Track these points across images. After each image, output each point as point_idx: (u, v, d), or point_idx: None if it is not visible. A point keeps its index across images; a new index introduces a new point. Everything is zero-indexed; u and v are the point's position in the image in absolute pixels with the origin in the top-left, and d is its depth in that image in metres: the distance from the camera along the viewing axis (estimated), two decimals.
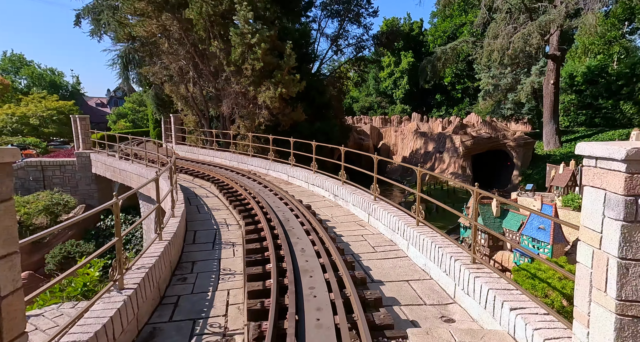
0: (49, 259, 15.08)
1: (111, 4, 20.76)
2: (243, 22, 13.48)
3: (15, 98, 45.82)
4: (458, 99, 50.06)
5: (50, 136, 43.94)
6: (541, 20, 23.65)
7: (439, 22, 51.71)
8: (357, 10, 26.33)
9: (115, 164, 16.32)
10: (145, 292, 4.36)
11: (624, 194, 2.36)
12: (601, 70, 35.25)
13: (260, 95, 14.69)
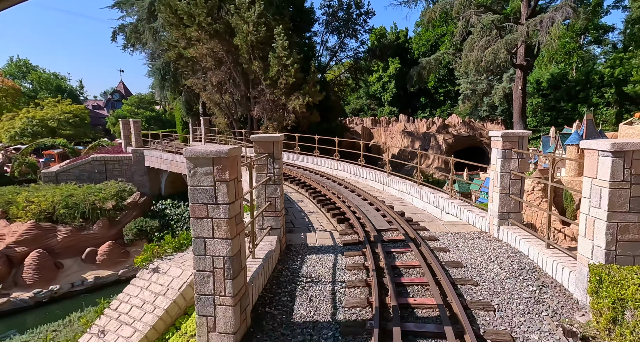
0: (127, 231, 19.12)
1: (152, 26, 24.73)
2: (280, 48, 17.79)
3: (34, 102, 48.63)
4: (440, 101, 55.23)
5: (64, 138, 46.90)
6: (507, 38, 28.62)
7: (422, 31, 56.78)
8: (354, 27, 30.95)
9: (172, 157, 20.39)
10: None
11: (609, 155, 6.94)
12: (562, 77, 40.80)
13: (290, 103, 19.02)
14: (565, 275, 5.08)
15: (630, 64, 35.94)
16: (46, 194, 19.17)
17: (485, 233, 7.45)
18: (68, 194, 19.26)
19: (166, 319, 5.80)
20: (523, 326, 4.28)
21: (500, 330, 4.20)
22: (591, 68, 40.09)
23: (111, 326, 6.00)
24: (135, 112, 74.91)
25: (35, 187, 20.88)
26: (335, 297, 5.10)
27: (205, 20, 18.68)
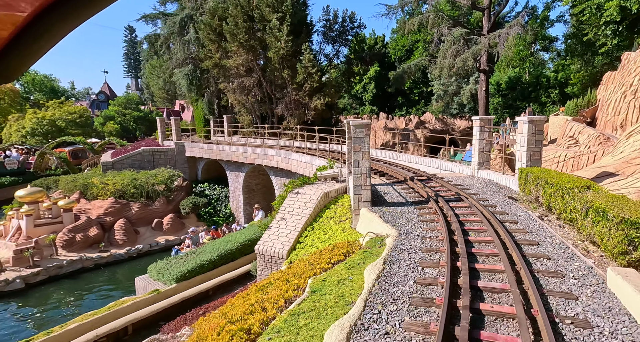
0: (184, 206, 23.79)
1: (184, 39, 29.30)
2: (307, 60, 23.03)
3: (38, 104, 50.90)
4: (415, 101, 62.01)
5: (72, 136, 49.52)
6: (473, 48, 35.17)
7: (398, 37, 63.37)
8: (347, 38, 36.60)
9: (214, 147, 25.19)
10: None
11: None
12: (518, 79, 48.33)
13: (312, 103, 24.33)
14: (509, 182, 10.88)
15: (570, 69, 43.69)
16: (115, 178, 23.44)
17: (470, 176, 13.20)
18: (132, 178, 23.63)
19: (314, 210, 11.10)
20: (491, 199, 9.97)
21: (480, 198, 9.86)
22: (540, 72, 47.87)
23: (289, 211, 11.27)
24: (122, 112, 76.98)
25: (101, 174, 25.05)
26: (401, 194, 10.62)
27: (244, 38, 23.64)
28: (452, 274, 5.36)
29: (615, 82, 17.98)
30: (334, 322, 4.48)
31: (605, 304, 4.59)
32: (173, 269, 14.82)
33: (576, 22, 34.00)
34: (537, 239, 6.83)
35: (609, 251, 5.47)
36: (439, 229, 7.66)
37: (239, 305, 6.98)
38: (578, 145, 15.59)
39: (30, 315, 15.02)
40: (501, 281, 5.36)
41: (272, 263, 10.53)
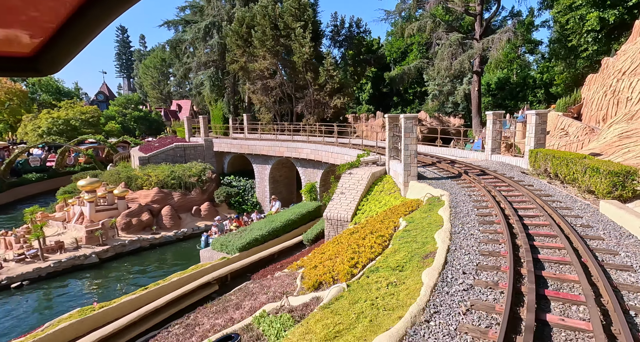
0: (219, 194, 26.36)
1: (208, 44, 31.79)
2: (328, 64, 25.87)
3: (57, 105, 52.34)
4: (410, 100, 65.34)
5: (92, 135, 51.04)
6: (469, 52, 38.57)
7: (393, 40, 66.63)
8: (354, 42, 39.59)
9: (242, 142, 27.80)
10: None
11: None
12: (506, 80, 52.11)
13: (332, 102, 27.21)
14: (518, 162, 13.98)
15: (554, 71, 47.60)
16: (156, 171, 25.82)
17: (485, 159, 16.28)
18: (170, 170, 26.05)
19: (366, 186, 13.99)
20: (507, 173, 13.01)
21: (500, 173, 12.90)
22: (527, 73, 51.75)
23: (346, 187, 14.12)
24: (123, 112, 78.23)
25: (129, 167, 27.38)
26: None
27: (271, 44, 26.34)
28: (500, 208, 8.34)
29: (597, 83, 21.40)
30: (436, 231, 7.40)
31: (599, 219, 7.64)
32: (234, 242, 17.48)
33: (560, 28, 37.73)
34: (549, 193, 9.88)
35: (600, 193, 8.53)
36: (478, 190, 10.65)
37: (334, 247, 9.78)
38: (568, 136, 18.87)
39: (114, 281, 17.49)
40: (532, 211, 8.35)
41: (338, 226, 13.37)
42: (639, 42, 19.66)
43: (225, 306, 9.82)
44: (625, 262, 5.72)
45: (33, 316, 14.42)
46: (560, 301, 4.70)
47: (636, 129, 13.70)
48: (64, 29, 0.75)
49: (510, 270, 5.33)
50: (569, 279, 5.24)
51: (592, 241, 6.58)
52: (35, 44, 0.80)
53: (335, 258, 7.89)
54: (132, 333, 10.84)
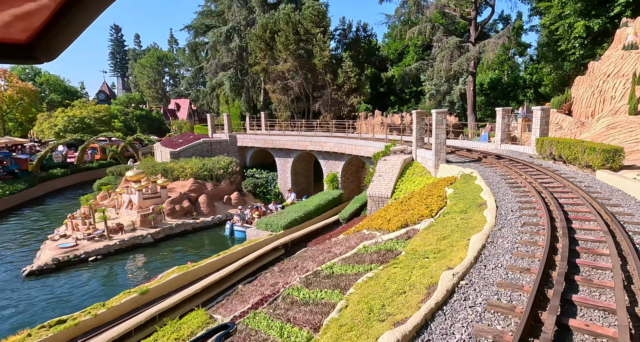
0: (246, 185, 28.90)
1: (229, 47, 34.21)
2: (347, 67, 28.59)
3: (70, 104, 53.82)
4: (407, 99, 68.52)
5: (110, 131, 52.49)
6: (467, 55, 41.77)
7: (390, 42, 69.75)
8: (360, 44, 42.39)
9: (265, 137, 30.34)
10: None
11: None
12: (498, 81, 55.64)
13: (349, 100, 29.95)
14: (525, 150, 16.96)
15: (542, 72, 51.26)
16: (189, 163, 28.16)
17: (495, 148, 19.23)
18: (202, 163, 28.42)
19: (400, 170, 16.77)
20: (518, 157, 15.95)
21: (512, 157, 15.82)
22: (517, 74, 55.37)
23: (383, 171, 16.87)
24: (125, 111, 79.58)
25: (173, 160, 29.67)
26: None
27: (293, 47, 28.96)
28: (523, 178, 11.20)
29: (585, 84, 24.65)
30: (479, 193, 10.19)
31: (596, 182, 10.59)
32: (278, 222, 20.09)
33: (548, 34, 41.20)
34: (556, 169, 12.81)
35: (596, 166, 11.48)
36: (500, 168, 13.53)
37: (393, 210, 12.51)
38: (562, 129, 22.00)
39: (170, 257, 19.91)
40: (548, 179, 11.24)
41: (379, 202, 16.10)
42: (620, 49, 22.92)
43: (304, 259, 12.47)
44: (616, 203, 8.62)
45: (121, 280, 16.85)
46: (579, 220, 7.55)
47: (620, 121, 16.82)
48: (59, 14, 0.73)
49: (543, 206, 8.16)
50: (582, 211, 8.10)
51: (593, 194, 9.47)
52: (31, 31, 0.77)
53: (406, 213, 10.62)
54: (231, 280, 13.47)
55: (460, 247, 6.53)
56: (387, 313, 4.62)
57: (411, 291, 5.13)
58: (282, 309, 6.68)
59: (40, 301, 14.92)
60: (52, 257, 17.92)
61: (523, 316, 4.10)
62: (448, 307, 4.68)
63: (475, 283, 5.24)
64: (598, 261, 5.73)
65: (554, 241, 6.41)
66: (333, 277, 7.44)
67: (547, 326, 3.93)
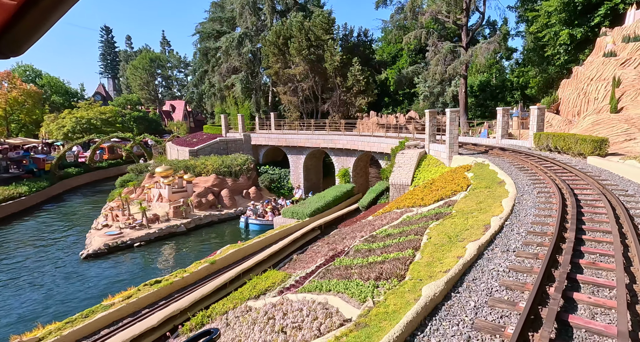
0: (263, 180, 30.94)
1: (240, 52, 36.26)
2: (355, 70, 30.99)
3: (76, 106, 54.82)
4: (400, 100, 71.46)
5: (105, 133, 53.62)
6: (461, 59, 44.74)
7: (384, 45, 72.70)
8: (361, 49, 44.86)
9: (279, 136, 32.49)
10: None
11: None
12: (487, 83, 58.95)
13: (357, 101, 32.35)
14: (523, 144, 19.62)
15: (528, 75, 54.72)
16: (209, 161, 30.10)
17: (496, 143, 21.84)
18: (221, 160, 30.38)
19: (417, 161, 19.20)
20: (519, 150, 18.57)
21: (514, 150, 18.43)
22: (505, 77, 58.77)
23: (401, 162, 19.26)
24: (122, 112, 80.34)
25: (192, 158, 31.54)
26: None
27: (306, 52, 31.22)
28: (531, 164, 13.75)
29: (571, 86, 27.59)
30: (497, 174, 12.67)
31: (588, 166, 13.20)
32: (303, 210, 22.29)
33: (534, 39, 44.46)
34: (553, 157, 15.41)
35: (587, 153, 14.09)
36: (506, 157, 16.07)
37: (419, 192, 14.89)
38: (552, 127, 24.82)
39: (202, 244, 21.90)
40: (549, 164, 13.80)
41: (400, 189, 18.48)
42: (601, 56, 25.92)
43: (346, 233, 14.74)
44: (604, 178, 11.19)
45: (165, 262, 18.81)
46: (579, 188, 10.04)
47: (603, 119, 19.63)
48: (25, 7, 0.70)
49: (550, 181, 10.63)
50: (580, 183, 10.61)
51: (587, 173, 12.02)
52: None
53: (437, 191, 13.00)
54: (281, 255, 15.65)
55: (495, 207, 8.92)
56: (462, 238, 6.96)
57: (472, 229, 7.47)
58: (361, 253, 8.94)
59: (101, 278, 16.79)
60: (104, 243, 19.75)
61: (553, 235, 6.47)
62: (502, 234, 7.05)
63: (515, 223, 7.63)
64: (597, 209, 8.18)
65: (564, 200, 8.86)
66: (394, 235, 9.73)
67: (569, 238, 6.33)
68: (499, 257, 6.09)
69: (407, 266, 6.24)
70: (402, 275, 5.94)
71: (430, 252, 6.52)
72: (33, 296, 14.96)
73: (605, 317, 4.20)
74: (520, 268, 5.58)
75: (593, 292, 4.78)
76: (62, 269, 17.66)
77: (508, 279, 5.26)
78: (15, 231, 24.54)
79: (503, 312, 4.43)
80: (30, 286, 15.91)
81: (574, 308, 4.45)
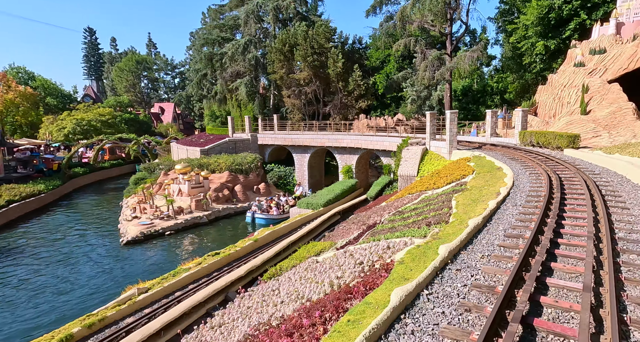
0: (271, 177, 33.31)
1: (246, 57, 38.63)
2: (356, 76, 33.83)
3: (74, 108, 55.53)
4: (388, 104, 75.01)
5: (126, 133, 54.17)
6: (447, 66, 48.39)
7: (372, 52, 76.21)
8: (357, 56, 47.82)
9: (285, 136, 34.98)
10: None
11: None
12: (469, 88, 63.07)
13: (358, 104, 35.18)
14: (510, 141, 22.85)
15: (506, 81, 59.07)
16: (221, 159, 32.26)
17: (486, 141, 25.03)
18: (232, 159, 32.59)
19: (420, 156, 22.10)
20: (507, 146, 21.75)
21: (503, 146, 21.60)
22: (485, 82, 63.05)
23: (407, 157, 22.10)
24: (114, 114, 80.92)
25: (204, 156, 33.60)
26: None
27: (311, 59, 33.90)
28: (520, 154, 16.82)
29: (547, 92, 31.25)
30: (494, 164, 15.68)
31: (565, 156, 16.37)
32: (316, 201, 24.85)
33: (512, 49, 48.56)
34: (537, 151, 18.58)
35: (563, 147, 17.27)
36: (499, 151, 19.14)
37: (428, 180, 17.73)
38: (532, 127, 28.27)
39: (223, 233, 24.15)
40: (535, 155, 16.91)
41: (408, 180, 21.31)
42: (572, 65, 29.65)
43: (368, 216, 17.40)
44: (578, 163, 14.30)
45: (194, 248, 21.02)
46: (560, 170, 13.06)
47: (575, 120, 23.09)
48: None
49: (538, 166, 13.64)
50: (561, 167, 13.66)
51: (565, 161, 15.12)
52: None
53: (447, 177, 15.85)
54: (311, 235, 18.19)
55: (500, 183, 11.79)
56: (482, 200, 9.74)
57: (488, 195, 10.28)
58: (398, 220, 11.62)
59: (146, 258, 18.89)
60: (139, 232, 21.77)
61: (546, 196, 9.31)
62: (509, 197, 9.89)
63: (517, 191, 10.49)
64: (573, 183, 11.14)
65: (550, 177, 11.82)
66: (421, 208, 12.45)
67: (557, 197, 9.22)
68: (510, 209, 8.90)
69: (448, 216, 8.96)
70: (446, 221, 8.65)
71: (463, 207, 9.28)
72: (96, 272, 16.97)
73: (581, 221, 7.02)
74: (527, 212, 8.40)
75: (574, 216, 7.62)
76: (111, 253, 19.66)
77: (521, 217, 8.07)
78: (47, 223, 26.09)
79: (522, 230, 7.23)
80: (90, 265, 17.91)
81: (563, 224, 7.27)
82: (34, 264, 18.29)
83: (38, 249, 20.42)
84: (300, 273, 10.09)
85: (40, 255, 19.53)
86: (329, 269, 9.02)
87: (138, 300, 10.83)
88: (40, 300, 14.33)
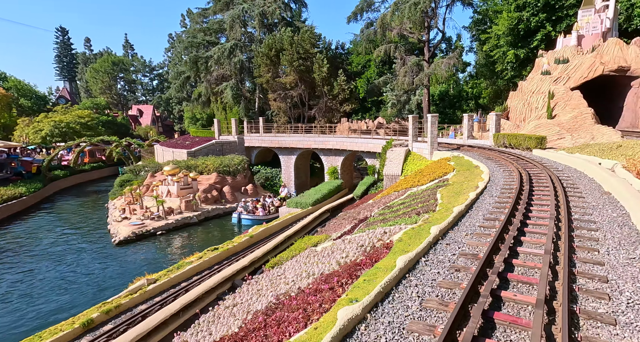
0: (259, 178, 34.09)
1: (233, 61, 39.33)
2: (341, 80, 35.13)
3: (52, 109, 54.32)
4: (369, 107, 76.94)
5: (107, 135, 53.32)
6: (425, 72, 50.52)
7: (353, 57, 78.06)
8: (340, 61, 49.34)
9: (272, 138, 35.85)
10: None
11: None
12: (445, 93, 65.70)
13: (342, 108, 36.50)
14: (485, 143, 24.62)
15: (480, 86, 61.97)
16: (209, 161, 32.80)
17: (463, 142, 26.77)
18: (220, 160, 33.19)
19: (404, 156, 23.50)
20: (483, 147, 23.48)
21: (479, 147, 23.30)
22: (461, 88, 65.85)
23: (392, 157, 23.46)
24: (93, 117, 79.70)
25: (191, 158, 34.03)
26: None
27: (297, 63, 34.99)
28: (494, 154, 18.44)
29: (517, 97, 33.47)
30: (472, 163, 17.22)
31: (534, 155, 18.10)
32: (304, 200, 25.90)
33: (485, 56, 51.20)
34: (509, 151, 20.30)
35: (532, 147, 19.02)
36: (475, 151, 20.76)
37: (412, 178, 19.09)
38: (504, 130, 30.29)
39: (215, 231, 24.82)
40: (506, 155, 18.58)
41: (393, 179, 22.65)
42: (539, 73, 31.96)
43: (358, 212, 18.59)
44: (545, 162, 15.98)
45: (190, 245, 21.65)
46: (529, 167, 14.64)
47: (542, 123, 25.11)
48: None
49: (511, 164, 15.19)
50: (530, 165, 15.27)
51: (533, 160, 16.78)
52: None
53: (430, 175, 17.23)
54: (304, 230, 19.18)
55: (478, 178, 13.20)
56: (463, 192, 11.08)
57: (468, 189, 11.63)
58: (388, 213, 12.84)
59: (139, 257, 19.41)
60: (131, 232, 22.19)
61: (517, 189, 10.74)
62: (486, 190, 11.27)
63: (493, 185, 11.91)
64: (540, 178, 12.67)
65: (520, 174, 13.33)
66: (408, 202, 13.72)
67: (526, 189, 10.65)
68: (488, 199, 10.26)
69: (435, 206, 10.23)
70: (434, 209, 9.91)
71: (447, 198, 10.58)
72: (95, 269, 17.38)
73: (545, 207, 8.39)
74: (501, 201, 9.77)
75: (540, 204, 9.00)
76: (103, 252, 20.02)
77: (496, 205, 9.41)
78: (33, 225, 25.97)
79: (498, 214, 8.55)
80: (85, 262, 18.28)
81: (531, 209, 8.64)
82: (27, 262, 18.50)
83: (30, 250, 20.54)
84: (303, 260, 11.11)
85: (33, 254, 19.70)
86: (332, 253, 10.09)
87: (148, 290, 11.56)
88: (42, 299, 14.73)
